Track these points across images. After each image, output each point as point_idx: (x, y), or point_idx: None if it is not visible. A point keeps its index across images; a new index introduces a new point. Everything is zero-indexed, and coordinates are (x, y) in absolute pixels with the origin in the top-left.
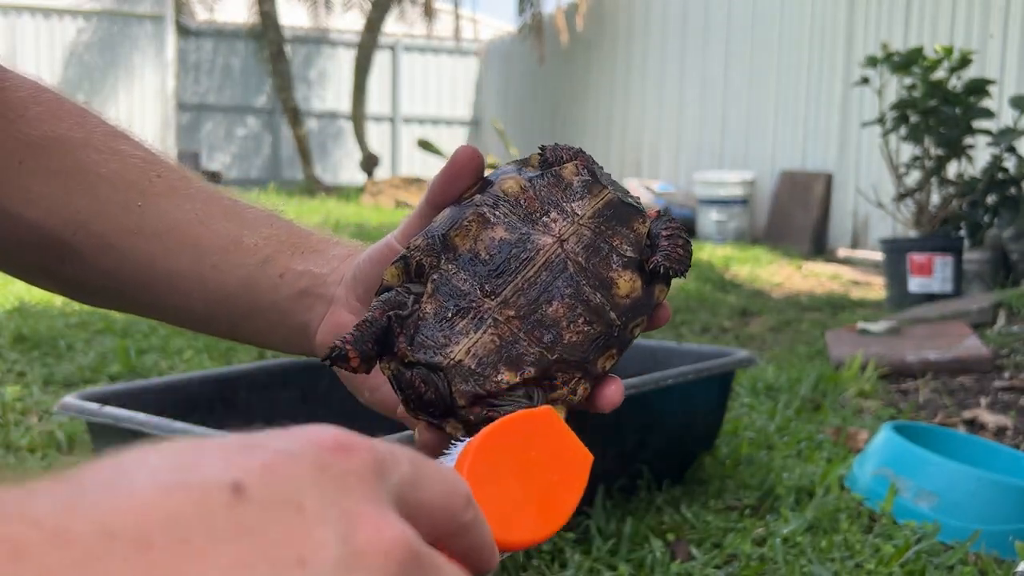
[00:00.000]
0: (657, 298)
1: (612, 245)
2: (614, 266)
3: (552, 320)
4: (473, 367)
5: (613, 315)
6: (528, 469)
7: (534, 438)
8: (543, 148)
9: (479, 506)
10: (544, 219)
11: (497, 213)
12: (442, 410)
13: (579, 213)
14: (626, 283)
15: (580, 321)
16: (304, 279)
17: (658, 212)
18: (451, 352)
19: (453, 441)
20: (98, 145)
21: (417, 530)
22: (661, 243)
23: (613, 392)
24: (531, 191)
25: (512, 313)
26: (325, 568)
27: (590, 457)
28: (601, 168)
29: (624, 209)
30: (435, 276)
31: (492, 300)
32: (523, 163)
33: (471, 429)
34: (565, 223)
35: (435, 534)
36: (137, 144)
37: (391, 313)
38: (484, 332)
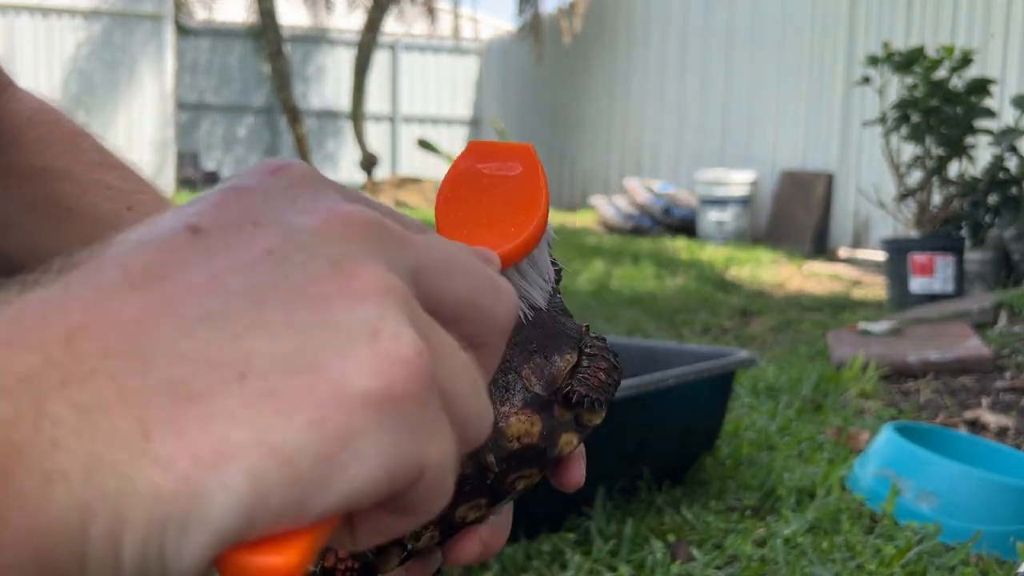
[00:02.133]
0: (560, 450)
1: (520, 375)
2: (512, 400)
3: None
4: None
5: (491, 459)
6: (492, 191)
7: (484, 166)
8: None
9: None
10: None
11: None
12: None
13: None
14: (519, 424)
15: None
16: None
17: (586, 326)
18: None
19: None
20: (78, 176)
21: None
22: (581, 363)
23: (466, 549)
24: None
25: None
26: (289, 251)
27: (528, 145)
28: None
29: (553, 336)
30: None
31: None
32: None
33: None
34: None
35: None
36: (121, 173)
37: None
38: None
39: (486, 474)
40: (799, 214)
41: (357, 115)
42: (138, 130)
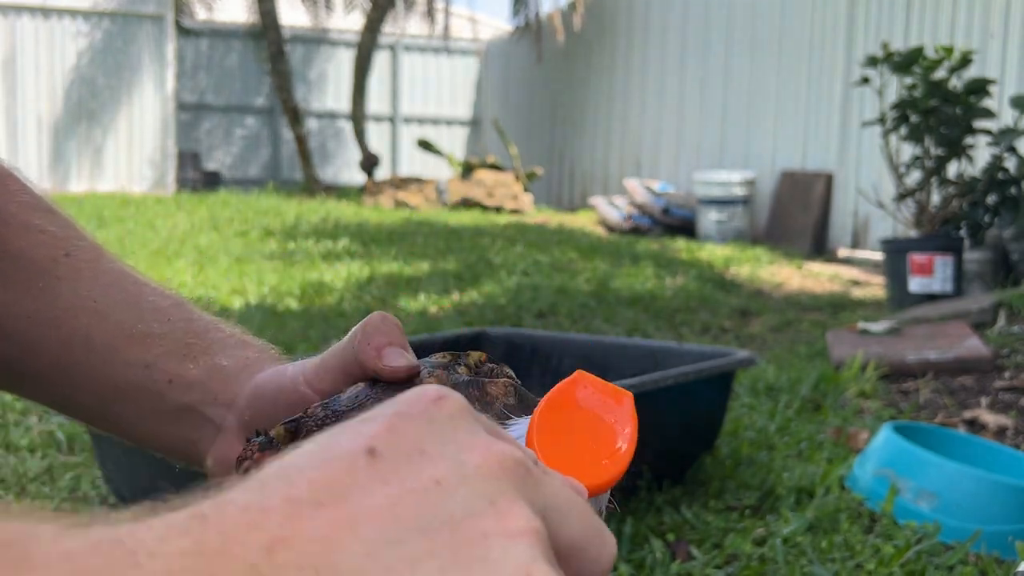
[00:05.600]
0: None
1: None
2: None
3: None
4: None
5: None
6: (584, 423)
7: (581, 396)
8: (486, 359)
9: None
10: None
11: None
12: None
13: None
14: None
15: None
16: (193, 392)
17: None
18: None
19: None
20: (9, 219)
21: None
22: None
23: None
24: None
25: None
26: (454, 484)
27: (629, 395)
28: (533, 398)
29: None
30: None
31: None
32: (458, 361)
33: None
34: None
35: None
36: (54, 218)
37: None
38: None
39: None
40: (798, 214)
41: (357, 115)
42: (139, 130)
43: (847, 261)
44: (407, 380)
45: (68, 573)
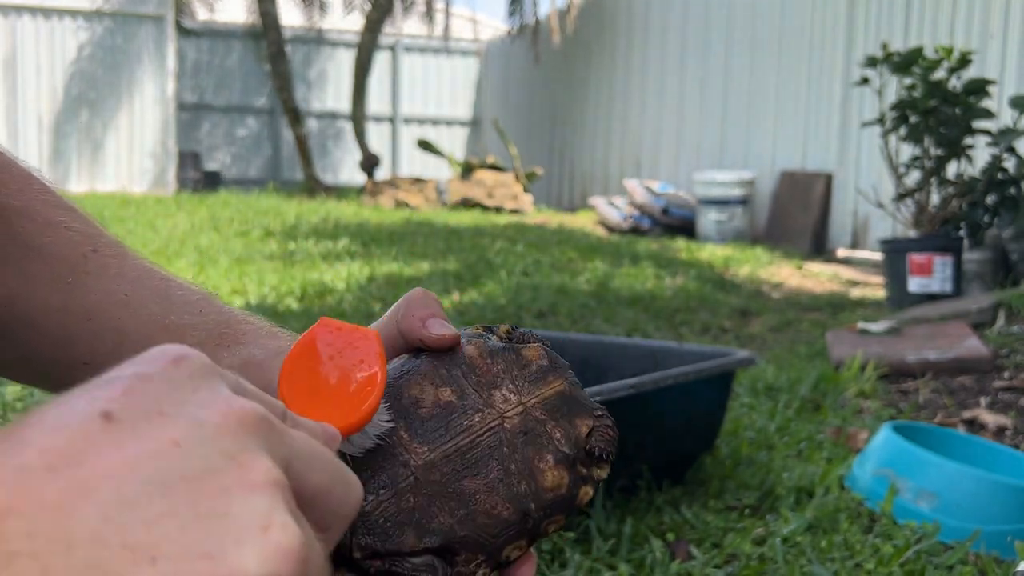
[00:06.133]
0: (580, 499)
1: (551, 437)
2: (547, 458)
3: (471, 495)
4: (380, 522)
5: (532, 506)
6: (332, 368)
7: (326, 342)
8: (514, 327)
9: (296, 415)
10: (494, 392)
11: (450, 374)
12: (339, 559)
13: (529, 396)
14: (553, 478)
15: (498, 504)
16: None
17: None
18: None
19: None
20: (35, 216)
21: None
22: (595, 425)
23: (528, 573)
24: (490, 361)
25: (435, 477)
26: (193, 443)
27: (373, 332)
28: (563, 361)
29: (574, 405)
30: None
31: (419, 459)
32: (490, 331)
33: None
34: (513, 402)
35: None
36: (77, 216)
37: None
38: (401, 489)
39: (527, 519)
40: (798, 214)
41: (358, 116)
42: (139, 130)
43: (847, 261)
44: (450, 348)
45: None
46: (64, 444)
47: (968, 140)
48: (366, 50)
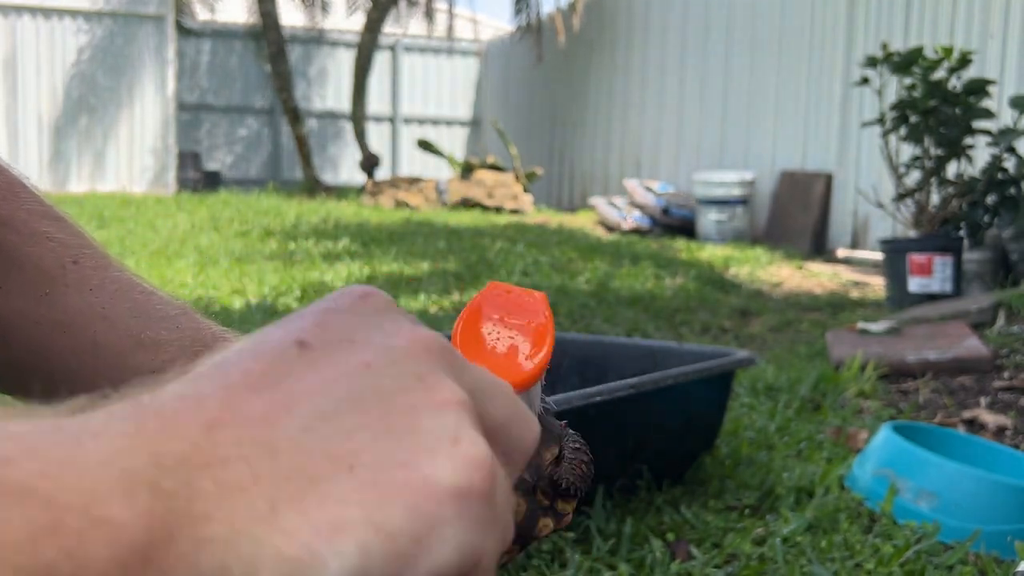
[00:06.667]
0: (539, 531)
1: None
2: None
3: None
4: None
5: None
6: (503, 328)
7: (497, 304)
8: None
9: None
10: None
11: None
12: None
13: None
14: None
15: None
16: None
17: (564, 423)
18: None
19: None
20: (18, 226)
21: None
22: (567, 455)
23: None
24: None
25: None
26: (383, 365)
27: (541, 295)
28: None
29: (542, 430)
30: None
31: None
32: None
33: None
34: None
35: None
36: (62, 226)
37: None
38: None
39: None
40: (798, 214)
41: (358, 116)
42: (139, 130)
43: (847, 261)
44: None
45: (8, 452)
46: (264, 368)
47: (968, 140)
48: (366, 50)
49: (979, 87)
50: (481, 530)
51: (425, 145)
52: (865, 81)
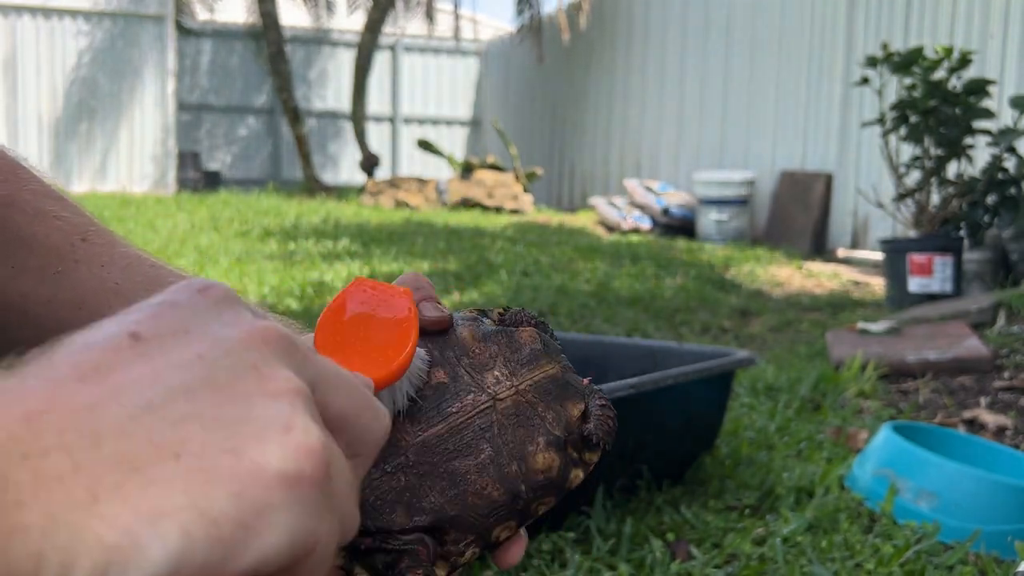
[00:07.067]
0: (571, 482)
1: (543, 419)
2: (538, 440)
3: (462, 476)
4: (371, 500)
5: (523, 487)
6: (366, 324)
7: (361, 300)
8: (506, 309)
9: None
10: (486, 375)
11: (443, 356)
12: None
13: (521, 379)
14: (544, 460)
15: (488, 485)
16: None
17: (589, 379)
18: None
19: None
20: (23, 206)
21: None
22: (594, 412)
23: (515, 554)
24: (483, 344)
25: (426, 457)
26: (217, 356)
27: (406, 291)
28: (556, 341)
29: (565, 388)
30: None
31: (411, 439)
32: (483, 314)
33: (359, 557)
34: (505, 385)
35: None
36: (66, 205)
37: None
38: (392, 468)
39: (517, 500)
40: (798, 214)
41: (358, 116)
42: (139, 130)
43: (847, 261)
44: (443, 331)
45: None
46: (94, 359)
47: (968, 140)
48: (366, 50)
49: (979, 87)
50: (314, 517)
51: (425, 145)
52: (865, 81)
